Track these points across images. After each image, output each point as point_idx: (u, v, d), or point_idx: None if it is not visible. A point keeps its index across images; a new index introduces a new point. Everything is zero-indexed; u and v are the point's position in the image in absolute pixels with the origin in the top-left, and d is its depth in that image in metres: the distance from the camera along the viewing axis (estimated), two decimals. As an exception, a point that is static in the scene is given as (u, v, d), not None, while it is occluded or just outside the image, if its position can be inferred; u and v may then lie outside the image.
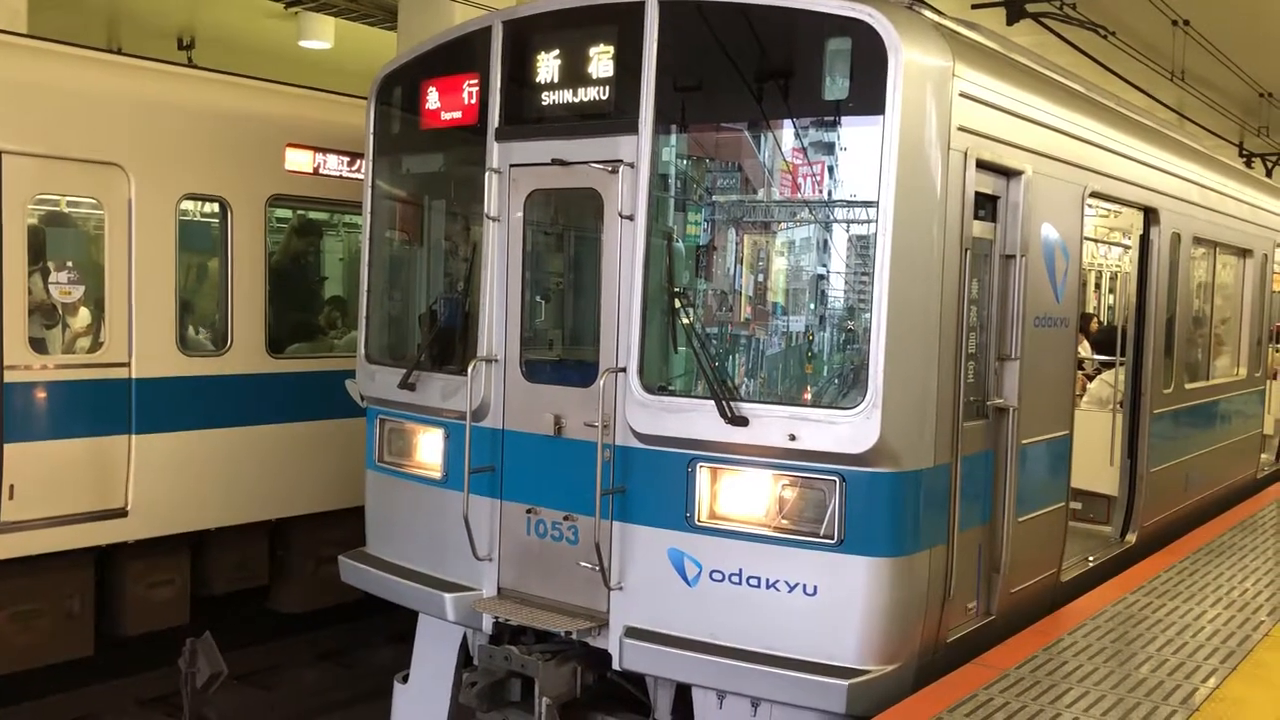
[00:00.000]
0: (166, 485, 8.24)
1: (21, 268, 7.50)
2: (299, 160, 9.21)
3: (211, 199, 8.72)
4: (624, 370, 5.79)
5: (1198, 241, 9.66)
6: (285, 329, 9.33)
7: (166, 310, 8.23)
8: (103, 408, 7.90)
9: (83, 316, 8.03)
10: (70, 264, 7.92)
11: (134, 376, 8.03)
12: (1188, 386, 9.62)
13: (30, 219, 7.64)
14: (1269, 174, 20.38)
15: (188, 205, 8.57)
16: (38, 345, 7.70)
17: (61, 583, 7.91)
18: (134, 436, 8.04)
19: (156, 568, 8.47)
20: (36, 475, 7.56)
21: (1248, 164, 20.12)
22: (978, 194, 5.87)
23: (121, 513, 8.02)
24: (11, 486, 7.42)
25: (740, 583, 5.55)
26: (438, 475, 6.71)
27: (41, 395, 7.62)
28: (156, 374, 8.15)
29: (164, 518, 8.28)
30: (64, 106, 7.75)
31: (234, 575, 9.07)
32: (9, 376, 7.41)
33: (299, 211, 9.81)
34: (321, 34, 16.34)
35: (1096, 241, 10.91)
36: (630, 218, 5.82)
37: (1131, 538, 8.45)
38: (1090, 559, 7.77)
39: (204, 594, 8.90)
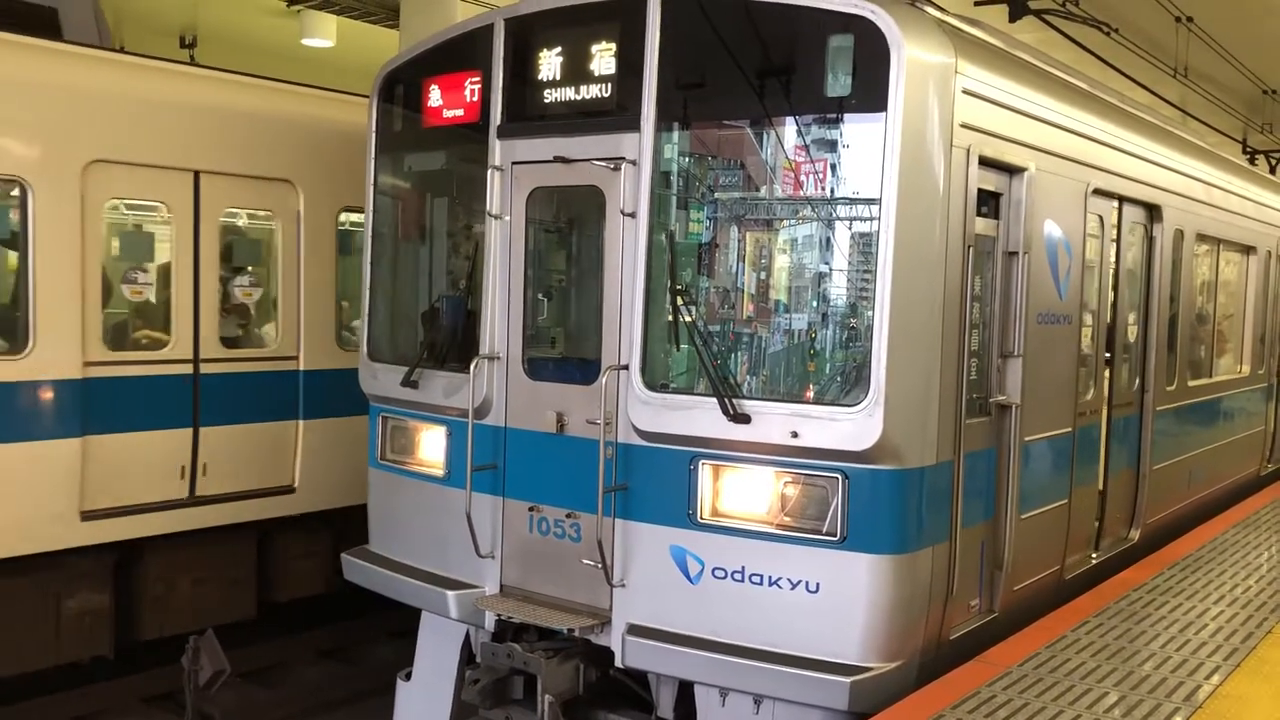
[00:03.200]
0: (324, 465, 9.14)
1: (215, 273, 8.51)
2: None
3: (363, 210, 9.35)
4: (626, 368, 5.79)
5: (1201, 238, 9.65)
6: None
7: (328, 310, 9.21)
8: (277, 396, 8.91)
9: (262, 316, 9.11)
10: (251, 269, 8.99)
11: (302, 369, 9.02)
12: (1191, 384, 9.61)
13: (220, 230, 8.61)
14: (1273, 171, 20.35)
15: (344, 216, 9.39)
16: (226, 342, 8.66)
17: (231, 552, 8.80)
18: (301, 422, 9.02)
19: (308, 540, 9.24)
20: (224, 455, 8.53)
21: (1251, 161, 20.09)
22: (980, 191, 5.86)
23: (290, 489, 8.99)
24: (205, 465, 8.41)
25: (743, 580, 5.55)
26: (440, 473, 6.71)
27: (229, 385, 8.60)
28: (320, 366, 9.14)
29: (323, 495, 9.18)
30: (248, 130, 8.69)
31: None
32: (204, 369, 8.42)
33: None
34: (324, 32, 16.36)
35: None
36: (632, 215, 5.82)
37: (1135, 535, 8.44)
38: (1093, 556, 7.77)
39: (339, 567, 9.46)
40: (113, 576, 8.10)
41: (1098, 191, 7.31)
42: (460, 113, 6.66)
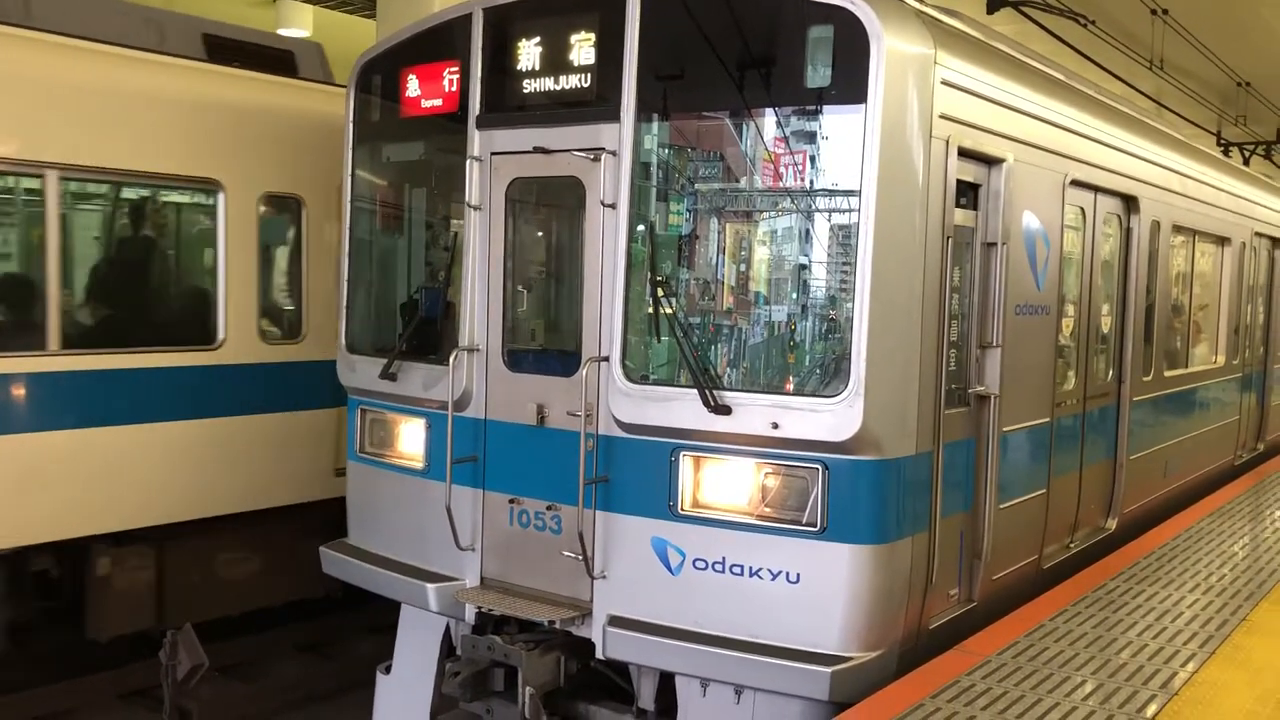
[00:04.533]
0: None
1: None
2: None
3: None
4: (606, 359, 5.78)
5: (1177, 230, 9.71)
6: None
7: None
8: None
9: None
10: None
11: None
12: (1167, 374, 9.67)
13: None
14: (1246, 162, 20.49)
15: None
16: None
17: None
18: None
19: None
20: None
21: (1225, 153, 20.22)
22: (959, 182, 5.88)
23: None
24: None
25: (723, 571, 5.56)
26: (420, 465, 6.69)
27: None
28: None
29: None
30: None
31: None
32: None
33: None
34: (300, 22, 16.26)
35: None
36: (612, 206, 5.80)
37: (1112, 524, 8.51)
38: (1071, 545, 7.82)
39: None
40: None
41: (1075, 183, 7.34)
42: (439, 103, 6.62)
